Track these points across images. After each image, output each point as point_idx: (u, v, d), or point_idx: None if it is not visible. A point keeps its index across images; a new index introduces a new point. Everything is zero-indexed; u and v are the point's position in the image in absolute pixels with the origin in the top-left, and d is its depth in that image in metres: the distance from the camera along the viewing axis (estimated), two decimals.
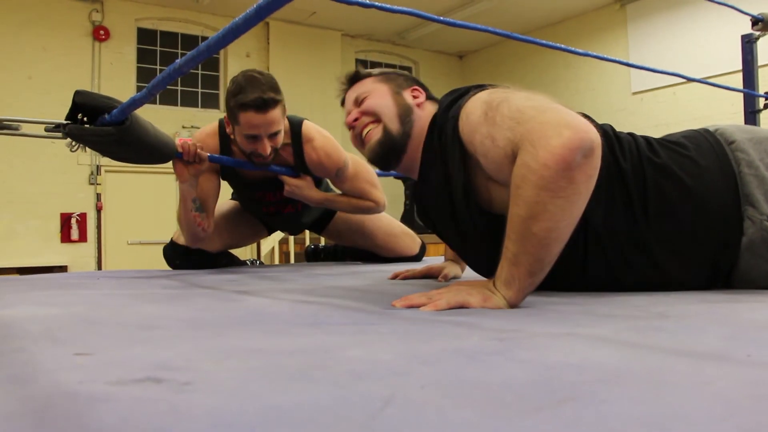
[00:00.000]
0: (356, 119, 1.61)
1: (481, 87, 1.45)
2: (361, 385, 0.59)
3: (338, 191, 2.67)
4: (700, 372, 0.63)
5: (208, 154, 2.32)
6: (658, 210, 1.34)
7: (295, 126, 2.48)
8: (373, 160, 1.60)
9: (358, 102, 1.62)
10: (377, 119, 1.57)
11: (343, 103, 1.73)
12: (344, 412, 0.50)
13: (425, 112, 1.58)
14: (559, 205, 1.11)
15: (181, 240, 2.57)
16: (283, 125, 2.33)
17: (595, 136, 1.13)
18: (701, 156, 1.40)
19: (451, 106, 1.46)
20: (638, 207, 1.34)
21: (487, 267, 1.56)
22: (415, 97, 1.60)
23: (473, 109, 1.35)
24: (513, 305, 1.17)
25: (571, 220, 1.14)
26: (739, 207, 1.35)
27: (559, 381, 0.60)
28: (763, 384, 0.58)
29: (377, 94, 1.60)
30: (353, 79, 1.69)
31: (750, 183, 1.36)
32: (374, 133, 1.57)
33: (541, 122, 1.16)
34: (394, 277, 1.98)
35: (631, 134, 1.46)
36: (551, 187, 1.10)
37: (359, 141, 1.62)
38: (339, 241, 3.14)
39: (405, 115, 1.56)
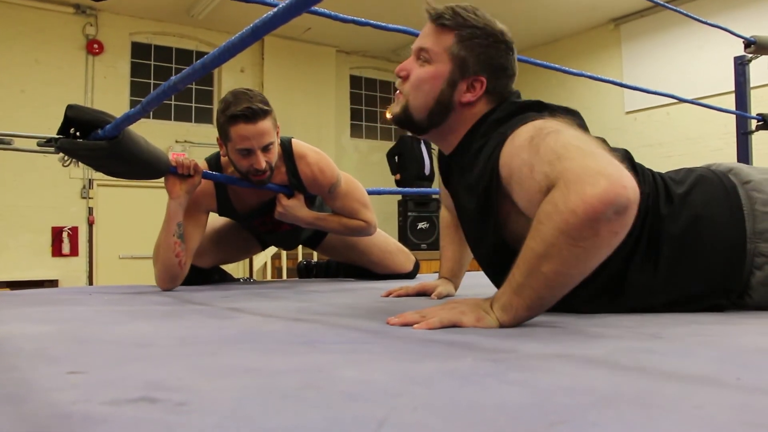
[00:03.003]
0: (402, 76, 1.53)
1: (541, 108, 1.42)
2: (354, 406, 0.59)
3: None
4: (691, 396, 0.63)
5: (203, 170, 2.32)
6: (666, 255, 1.35)
7: (285, 145, 2.48)
8: (393, 121, 1.58)
9: (418, 54, 1.51)
10: (407, 93, 1.51)
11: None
12: None
13: (472, 111, 1.49)
14: (575, 254, 1.07)
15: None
16: (276, 139, 2.32)
17: (633, 194, 1.06)
18: (713, 200, 1.41)
19: (505, 120, 1.42)
20: (645, 251, 1.35)
21: (490, 267, 1.56)
22: (469, 90, 1.48)
23: (522, 132, 1.30)
24: (505, 328, 1.17)
25: (584, 270, 1.11)
26: (744, 253, 1.35)
27: (552, 404, 0.60)
28: (751, 409, 0.58)
29: (433, 71, 1.48)
30: (437, 19, 1.50)
31: (766, 221, 1.36)
32: (397, 103, 1.54)
33: (582, 165, 1.10)
34: (388, 294, 1.98)
35: (652, 174, 1.46)
36: (573, 234, 1.06)
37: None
38: (333, 256, 3.13)
39: (437, 111, 1.49)
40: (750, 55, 3.86)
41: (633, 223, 1.11)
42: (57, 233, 8.35)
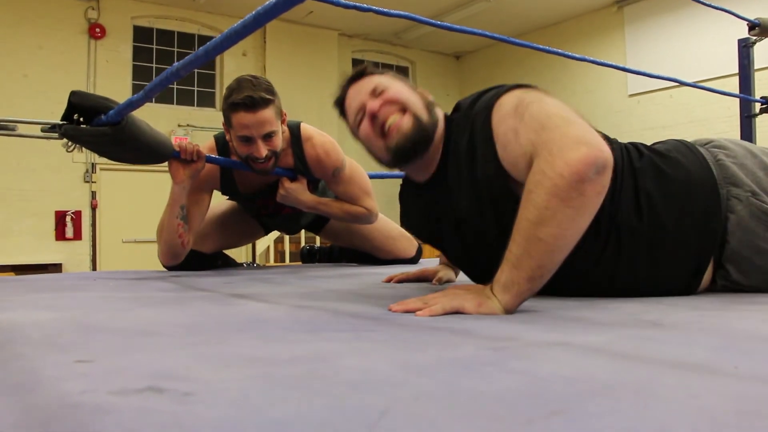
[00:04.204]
0: (380, 106, 1.49)
1: (517, 85, 1.45)
2: (357, 396, 0.60)
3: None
4: (688, 385, 0.64)
5: (206, 155, 2.33)
6: (646, 206, 1.38)
7: (294, 128, 2.51)
8: (403, 147, 1.48)
9: (377, 93, 1.52)
10: (403, 109, 1.49)
11: (341, 102, 1.63)
12: (341, 424, 0.51)
13: (441, 113, 1.57)
14: (568, 215, 1.15)
15: None
16: (279, 128, 2.32)
17: (609, 156, 1.19)
18: (677, 151, 1.47)
19: (473, 104, 1.48)
20: (629, 199, 1.37)
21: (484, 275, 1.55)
22: (424, 90, 1.58)
23: (506, 101, 1.39)
24: (508, 311, 1.18)
25: (576, 231, 1.18)
26: (718, 195, 1.40)
27: (551, 393, 0.61)
28: (748, 398, 0.59)
29: (400, 86, 1.54)
30: (360, 75, 1.59)
31: (729, 167, 1.43)
32: (404, 122, 1.48)
33: (563, 134, 1.21)
34: (389, 280, 1.99)
35: (618, 142, 1.51)
36: (563, 196, 1.14)
37: (379, 132, 1.51)
38: (336, 242, 3.15)
39: (430, 107, 1.53)
40: (754, 38, 3.83)
41: (612, 178, 1.23)
42: (60, 217, 8.39)
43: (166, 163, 2.29)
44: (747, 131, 3.83)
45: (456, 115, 1.54)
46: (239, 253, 7.72)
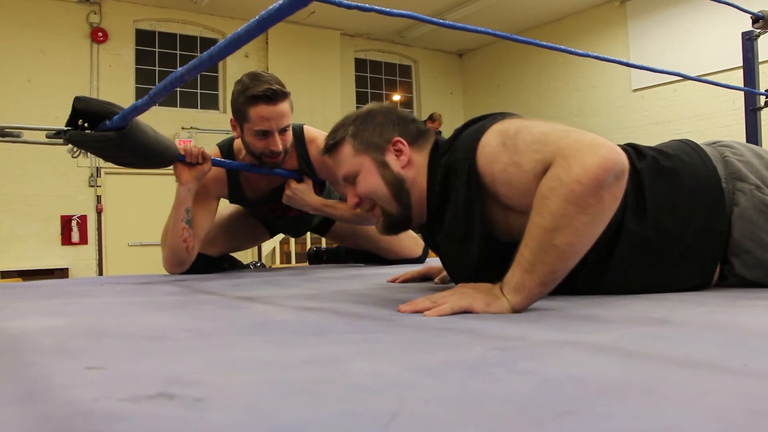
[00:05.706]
0: (358, 202, 1.56)
1: (492, 117, 1.42)
2: (366, 399, 0.60)
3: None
4: (697, 383, 0.65)
5: (212, 158, 2.33)
6: (651, 210, 1.37)
7: (297, 130, 2.51)
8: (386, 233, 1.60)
9: (350, 181, 1.55)
10: (374, 204, 1.54)
11: None
12: (353, 428, 0.52)
13: (416, 167, 1.52)
14: (584, 221, 1.13)
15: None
16: (291, 122, 2.34)
17: (626, 161, 1.16)
18: (681, 152, 1.47)
19: (453, 142, 1.45)
20: (633, 203, 1.37)
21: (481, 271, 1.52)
22: (399, 153, 1.52)
23: (488, 141, 1.34)
24: (517, 311, 1.18)
25: (592, 237, 1.17)
26: (722, 192, 1.40)
27: (559, 394, 0.61)
28: (757, 396, 0.59)
29: (366, 175, 1.51)
30: (329, 150, 1.59)
31: (735, 164, 1.43)
32: (378, 222, 1.57)
33: (575, 140, 1.18)
34: (394, 280, 1.99)
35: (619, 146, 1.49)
36: (580, 203, 1.12)
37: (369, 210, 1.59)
38: (342, 243, 3.15)
39: (399, 191, 1.51)
40: (758, 30, 3.82)
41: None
42: (66, 222, 8.41)
43: (171, 166, 2.29)
44: (752, 125, 3.81)
45: (438, 155, 1.50)
46: (244, 256, 7.72)
